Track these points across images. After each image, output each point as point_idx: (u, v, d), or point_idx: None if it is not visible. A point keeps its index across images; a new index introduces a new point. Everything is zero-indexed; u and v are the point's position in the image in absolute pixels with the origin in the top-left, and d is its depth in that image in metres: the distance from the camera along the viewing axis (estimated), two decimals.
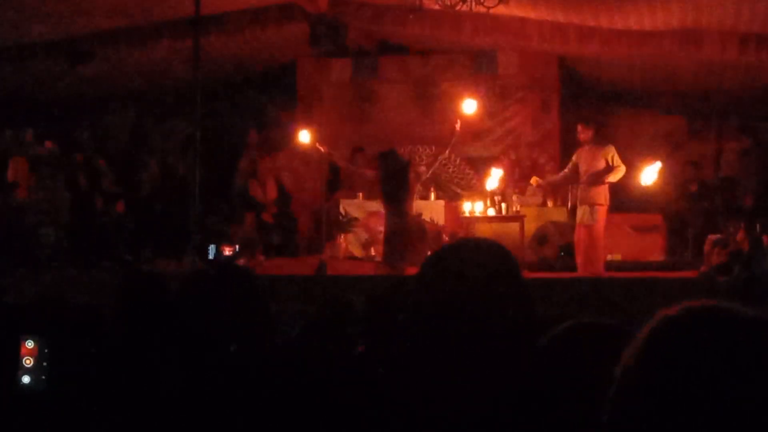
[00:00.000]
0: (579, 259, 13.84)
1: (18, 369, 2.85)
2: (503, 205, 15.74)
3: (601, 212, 13.59)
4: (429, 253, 2.47)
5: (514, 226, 15.30)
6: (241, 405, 2.51)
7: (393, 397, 2.24)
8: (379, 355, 4.34)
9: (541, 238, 15.90)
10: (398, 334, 3.41)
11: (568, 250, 14.63)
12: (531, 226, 15.65)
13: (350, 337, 5.31)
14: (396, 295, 5.47)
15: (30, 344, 2.87)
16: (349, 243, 16.71)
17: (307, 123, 18.59)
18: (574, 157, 14.08)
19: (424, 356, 2.16)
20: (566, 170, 14.36)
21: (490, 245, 2.27)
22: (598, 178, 13.59)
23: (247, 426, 2.50)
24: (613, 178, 13.59)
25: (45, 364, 2.88)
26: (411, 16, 15.80)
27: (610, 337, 2.53)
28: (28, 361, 2.86)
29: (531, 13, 15.77)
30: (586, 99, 18.34)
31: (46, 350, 2.88)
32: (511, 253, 2.28)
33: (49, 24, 15.56)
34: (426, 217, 16.16)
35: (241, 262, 14.00)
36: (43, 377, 2.86)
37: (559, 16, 15.69)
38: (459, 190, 17.90)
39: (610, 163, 13.54)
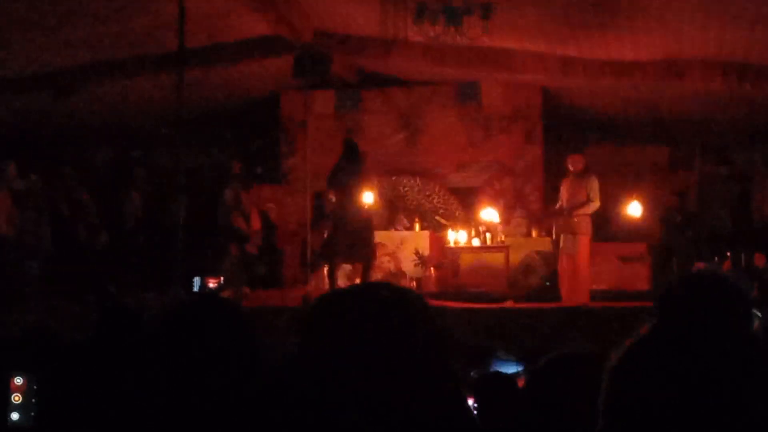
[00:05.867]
0: (563, 289, 13.84)
1: (7, 406, 2.84)
2: (488, 235, 15.76)
3: (583, 242, 13.59)
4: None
5: (499, 256, 15.32)
6: None
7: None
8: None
9: (525, 268, 15.90)
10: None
11: (553, 279, 14.65)
12: (516, 256, 15.66)
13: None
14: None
15: (19, 381, 2.86)
16: None
17: (291, 155, 18.65)
18: (561, 188, 14.07)
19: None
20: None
21: (389, 289, 2.05)
22: (572, 209, 13.60)
23: None
24: (585, 211, 13.56)
25: (33, 400, 2.87)
26: (394, 49, 15.89)
27: (592, 367, 2.56)
28: (17, 398, 2.84)
29: (514, 44, 15.82)
30: (570, 129, 18.40)
31: (34, 387, 2.87)
32: (414, 300, 1.99)
33: (32, 57, 15.55)
34: (411, 247, 16.17)
35: (226, 294, 13.97)
36: (32, 413, 2.85)
37: (542, 47, 15.75)
38: (443, 221, 17.89)
39: (589, 196, 13.54)
